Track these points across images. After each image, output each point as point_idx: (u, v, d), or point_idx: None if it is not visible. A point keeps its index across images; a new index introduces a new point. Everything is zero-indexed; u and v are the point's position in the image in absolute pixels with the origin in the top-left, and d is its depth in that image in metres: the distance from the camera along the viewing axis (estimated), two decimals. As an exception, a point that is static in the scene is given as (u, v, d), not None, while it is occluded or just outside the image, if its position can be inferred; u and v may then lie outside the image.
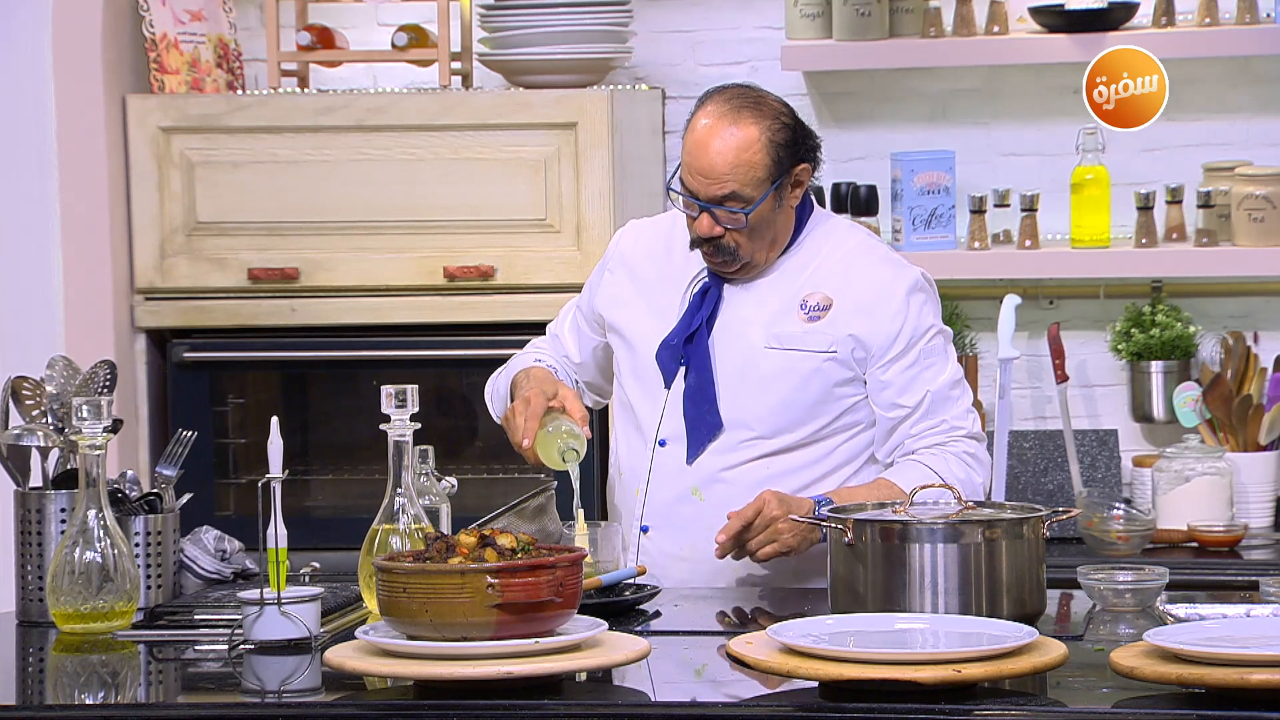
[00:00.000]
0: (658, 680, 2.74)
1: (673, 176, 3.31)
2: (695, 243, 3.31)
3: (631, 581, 3.14)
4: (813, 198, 3.40)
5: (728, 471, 3.30)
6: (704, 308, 3.34)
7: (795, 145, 3.28)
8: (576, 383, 3.53)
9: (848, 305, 3.31)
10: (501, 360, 4.37)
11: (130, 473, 3.22)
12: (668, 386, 3.34)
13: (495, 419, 3.48)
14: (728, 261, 3.30)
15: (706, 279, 3.36)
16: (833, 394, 3.31)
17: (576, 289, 4.33)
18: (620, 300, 3.43)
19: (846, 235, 3.40)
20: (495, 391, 3.53)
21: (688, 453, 3.32)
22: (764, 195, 3.24)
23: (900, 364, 3.31)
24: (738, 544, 3.18)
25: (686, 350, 3.33)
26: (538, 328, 4.32)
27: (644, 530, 3.35)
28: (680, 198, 3.28)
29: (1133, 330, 4.48)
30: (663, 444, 3.34)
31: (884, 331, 3.30)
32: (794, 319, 3.32)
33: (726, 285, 3.35)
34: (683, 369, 3.33)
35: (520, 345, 4.34)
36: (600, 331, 3.49)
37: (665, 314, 3.38)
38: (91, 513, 3.00)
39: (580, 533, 3.25)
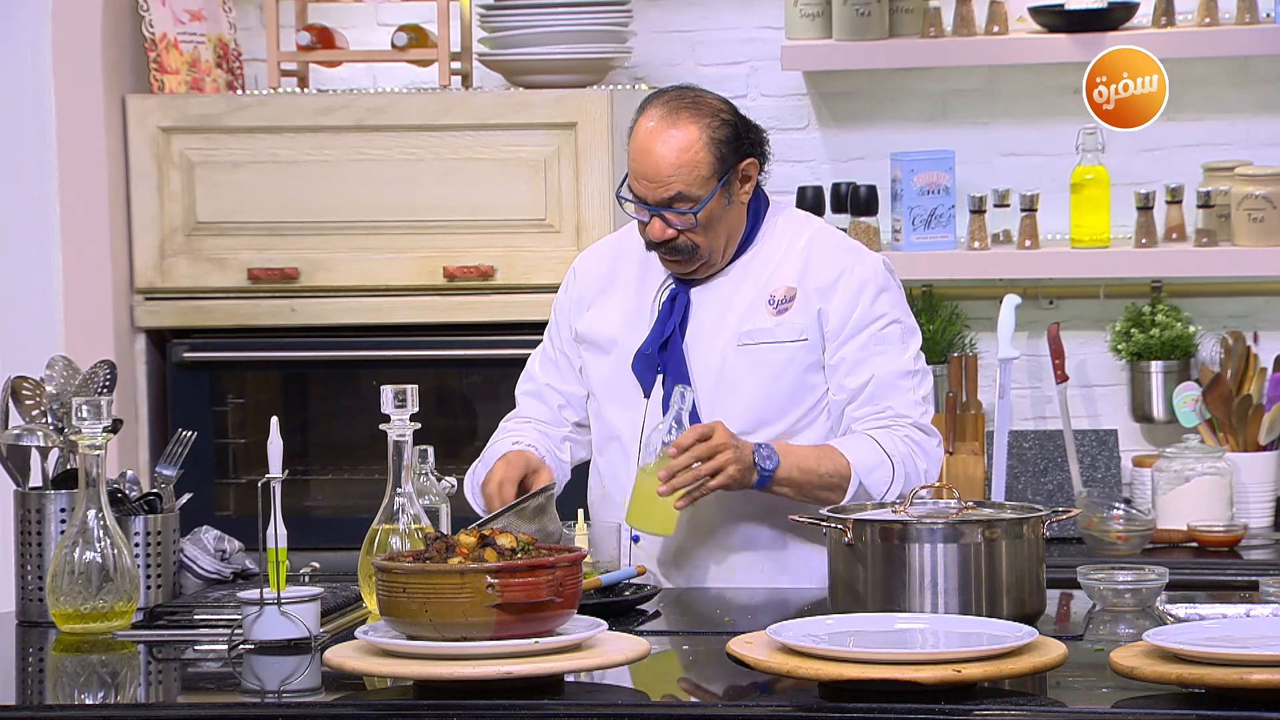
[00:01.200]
0: (657, 680, 2.74)
1: (621, 185, 3.31)
2: (650, 246, 3.31)
3: (631, 581, 3.14)
4: (765, 191, 3.39)
5: None
6: (674, 314, 3.34)
7: (738, 141, 3.28)
8: (566, 439, 3.45)
9: (809, 287, 3.32)
10: (499, 360, 4.37)
11: (130, 473, 3.22)
12: (647, 396, 3.34)
13: (480, 512, 3.31)
14: (685, 261, 3.30)
15: (673, 285, 3.36)
16: (805, 382, 3.32)
17: (576, 289, 4.34)
18: (593, 317, 3.41)
19: (804, 225, 3.40)
20: (475, 486, 3.37)
21: None
22: (711, 193, 3.25)
23: (851, 345, 3.30)
24: (694, 459, 3.13)
25: (662, 358, 3.33)
26: (538, 327, 4.31)
27: (634, 540, 3.33)
28: (630, 204, 3.28)
29: (1132, 330, 4.48)
30: None
31: (840, 310, 3.31)
32: (763, 314, 3.32)
33: (694, 289, 3.35)
34: (660, 376, 3.33)
35: (519, 345, 4.35)
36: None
37: (636, 325, 3.37)
38: (91, 513, 3.00)
39: (580, 533, 3.25)
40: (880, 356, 3.30)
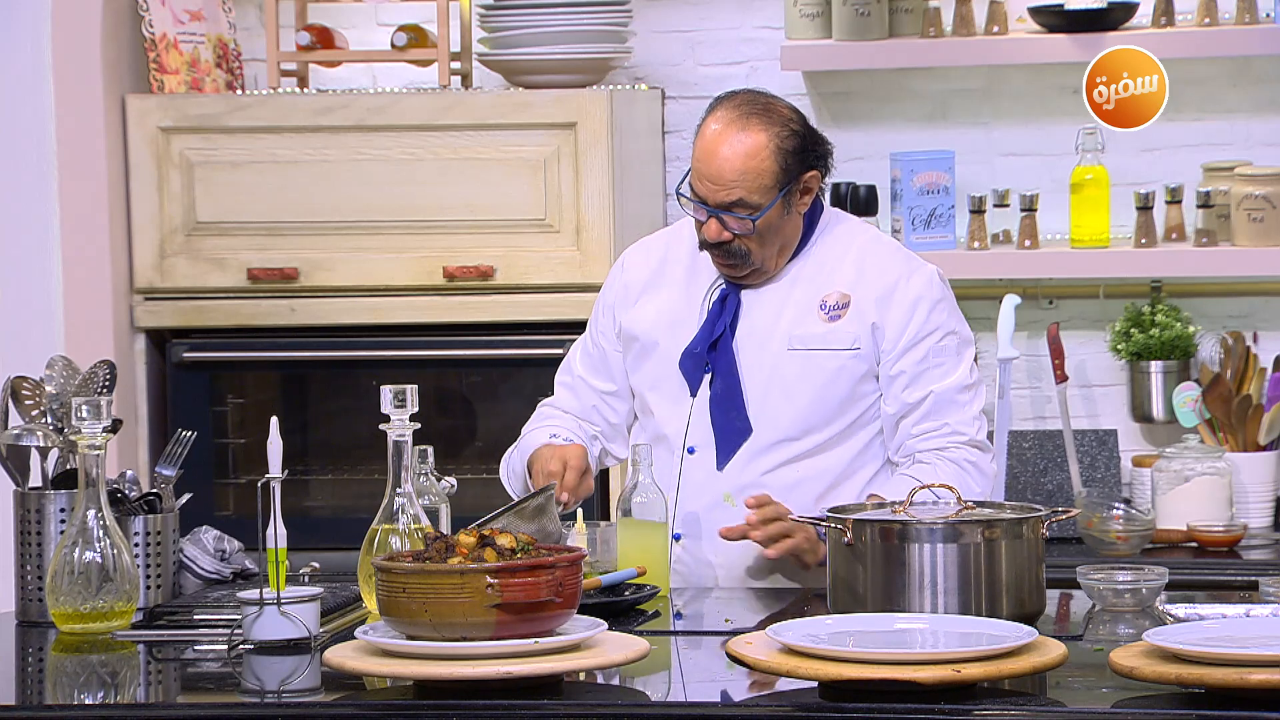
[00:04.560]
0: (657, 680, 2.75)
1: (682, 181, 3.30)
2: (703, 246, 3.30)
3: (631, 582, 3.13)
4: (822, 199, 3.39)
5: (759, 476, 3.29)
6: (725, 314, 3.33)
7: (804, 152, 3.27)
8: (596, 438, 3.44)
9: (865, 298, 3.32)
10: (499, 361, 4.37)
11: (130, 473, 3.22)
12: (694, 394, 3.33)
13: (513, 496, 3.37)
14: (738, 265, 3.30)
15: (724, 286, 3.35)
16: (856, 391, 3.32)
17: (576, 289, 4.33)
18: (638, 314, 3.40)
19: (858, 232, 3.40)
20: (511, 471, 3.42)
21: (718, 459, 3.31)
22: (772, 202, 3.24)
23: (909, 358, 3.31)
24: (762, 524, 3.15)
25: (711, 357, 3.31)
26: (537, 327, 4.34)
27: (676, 538, 3.32)
28: (689, 203, 3.27)
29: (1132, 330, 4.48)
30: (691, 451, 3.32)
31: (897, 322, 3.31)
32: (815, 320, 3.32)
33: (745, 291, 3.34)
34: (708, 376, 3.32)
35: (519, 345, 4.35)
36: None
37: (685, 323, 3.36)
38: (91, 513, 3.00)
39: (579, 532, 3.24)
40: (938, 369, 3.31)
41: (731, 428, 3.31)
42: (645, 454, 3.19)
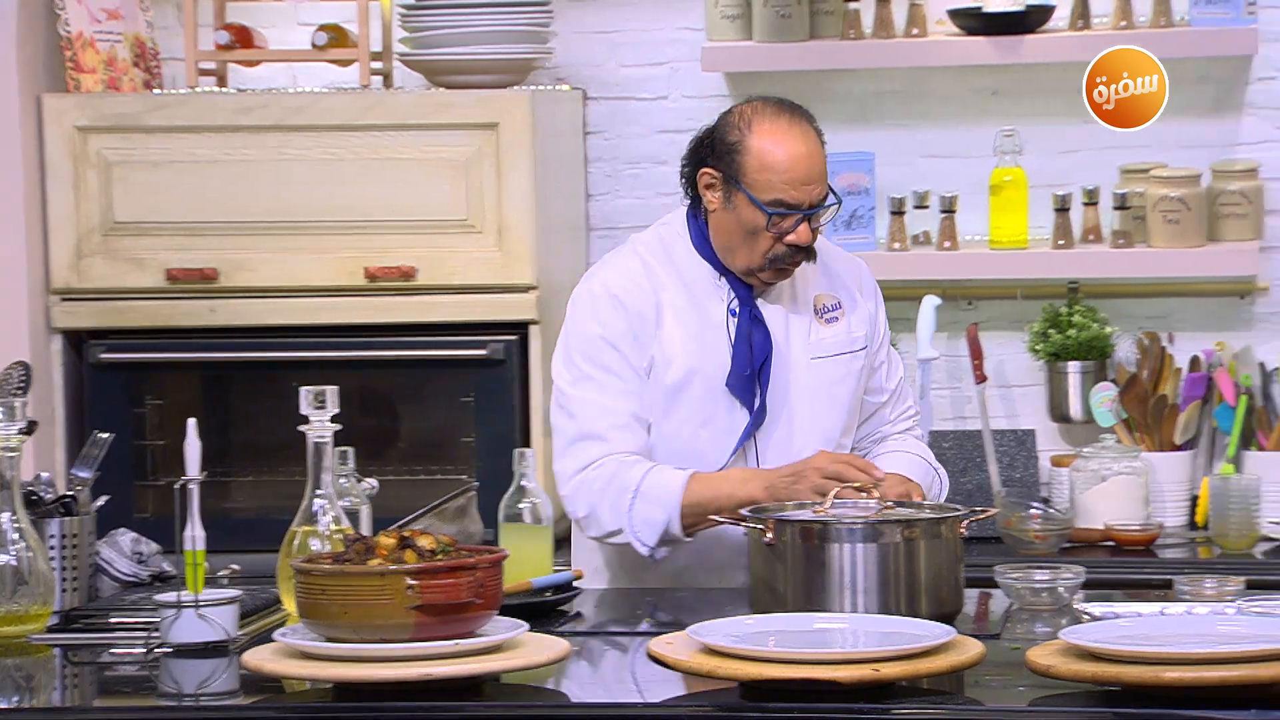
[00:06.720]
0: (578, 681, 2.75)
1: (765, 211, 3.15)
2: (781, 259, 3.19)
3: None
4: None
5: None
6: (759, 332, 3.25)
7: None
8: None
9: (848, 296, 3.37)
10: (421, 361, 4.35)
11: (45, 475, 3.19)
12: (752, 416, 3.25)
13: (646, 549, 3.18)
14: (794, 267, 3.24)
15: (737, 303, 3.26)
16: (862, 384, 3.41)
17: (498, 289, 4.33)
18: (667, 346, 3.25)
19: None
20: (648, 522, 3.17)
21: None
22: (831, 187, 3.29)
23: (884, 347, 3.44)
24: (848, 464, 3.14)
25: (762, 380, 3.24)
26: (459, 328, 4.32)
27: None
28: (783, 218, 3.16)
29: (1050, 331, 4.51)
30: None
31: (876, 316, 3.42)
32: (816, 326, 3.32)
33: (761, 306, 3.27)
34: (756, 398, 3.24)
35: (441, 346, 4.33)
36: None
37: (710, 348, 3.25)
38: (5, 515, 2.97)
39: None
40: (894, 355, 3.47)
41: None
42: (529, 459, 3.15)
